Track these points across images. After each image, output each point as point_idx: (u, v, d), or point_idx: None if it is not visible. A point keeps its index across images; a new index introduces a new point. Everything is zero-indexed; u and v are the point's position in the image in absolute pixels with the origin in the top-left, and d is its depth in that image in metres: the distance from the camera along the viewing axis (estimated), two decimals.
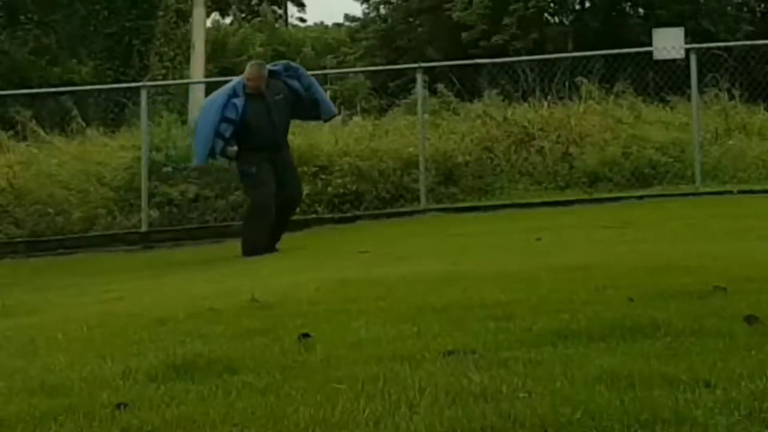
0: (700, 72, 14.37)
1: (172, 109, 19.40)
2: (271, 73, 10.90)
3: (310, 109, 11.12)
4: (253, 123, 10.61)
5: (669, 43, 14.64)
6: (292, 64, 11.55)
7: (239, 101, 10.60)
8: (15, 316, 6.84)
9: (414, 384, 3.51)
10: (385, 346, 4.25)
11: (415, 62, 18.34)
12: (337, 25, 49.99)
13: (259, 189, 10.77)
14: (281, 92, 10.80)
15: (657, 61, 15.06)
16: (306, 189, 13.83)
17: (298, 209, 12.04)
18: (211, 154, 10.90)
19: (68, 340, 5.04)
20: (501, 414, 3.13)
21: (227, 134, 10.58)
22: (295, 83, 10.95)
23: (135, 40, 26.69)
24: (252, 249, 10.56)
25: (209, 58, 27.82)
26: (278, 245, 10.83)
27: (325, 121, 12.46)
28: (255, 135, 10.61)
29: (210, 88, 24.23)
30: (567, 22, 37.11)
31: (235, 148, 10.63)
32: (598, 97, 15.71)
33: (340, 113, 16.34)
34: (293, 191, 11.03)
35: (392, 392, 3.45)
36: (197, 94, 22.27)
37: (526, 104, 15.67)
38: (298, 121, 12.21)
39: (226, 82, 11.72)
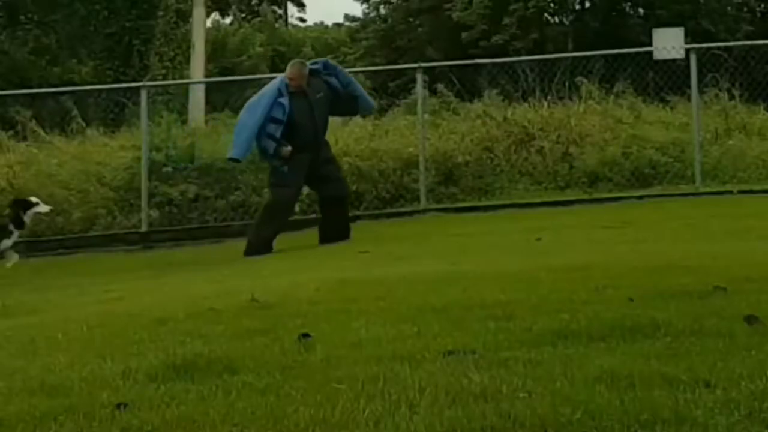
0: (700, 72, 14.37)
1: (172, 109, 19.37)
2: (311, 71, 11.02)
3: (347, 105, 11.30)
4: (298, 121, 10.73)
5: (669, 43, 14.64)
6: (330, 62, 11.68)
7: (285, 100, 10.71)
8: (15, 316, 6.85)
9: (414, 384, 3.51)
10: (385, 346, 4.24)
11: (415, 62, 18.32)
12: (337, 25, 49.98)
13: (286, 189, 10.87)
14: (321, 90, 10.94)
15: (657, 61, 15.06)
16: (307, 189, 13.85)
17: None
18: (265, 155, 11.00)
19: (68, 340, 5.04)
20: (501, 414, 3.13)
21: (277, 134, 10.67)
22: (333, 80, 11.09)
23: (135, 40, 26.69)
24: (257, 248, 10.61)
25: (209, 58, 27.83)
26: (350, 234, 11.07)
27: (363, 116, 12.65)
28: (299, 133, 10.72)
29: (210, 88, 24.35)
30: (567, 22, 37.10)
31: (289, 148, 10.70)
32: (598, 97, 15.71)
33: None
34: (340, 189, 11.18)
35: (392, 392, 3.44)
36: (197, 94, 22.31)
37: (526, 104, 15.68)
38: None
39: (226, 82, 11.79)
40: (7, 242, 11.13)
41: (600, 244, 8.47)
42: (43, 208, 11.50)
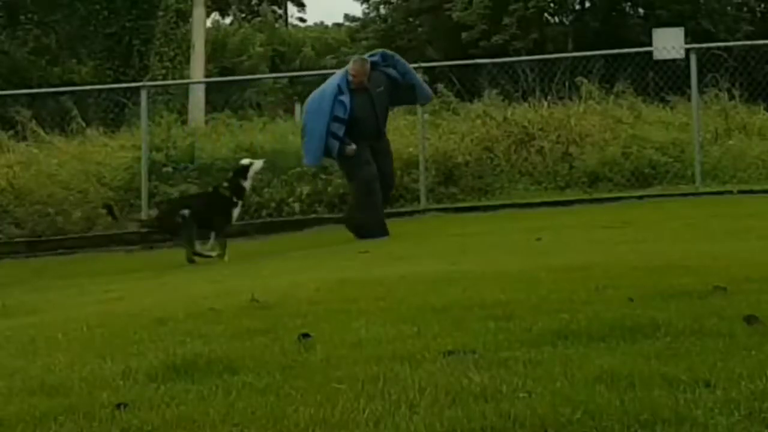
0: (700, 72, 14.38)
1: (172, 109, 19.42)
2: (371, 64, 11.06)
3: (405, 94, 11.39)
4: (359, 116, 10.81)
5: (669, 43, 14.64)
6: (388, 52, 11.70)
7: (346, 98, 10.76)
8: (15, 316, 6.84)
9: (414, 384, 3.51)
10: (385, 346, 4.24)
11: (415, 62, 18.29)
12: (337, 25, 49.97)
13: (364, 168, 10.89)
14: (381, 84, 11.00)
15: (657, 61, 15.06)
16: (306, 189, 13.85)
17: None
18: (327, 154, 11.01)
19: (68, 340, 5.04)
20: (501, 414, 3.13)
21: (340, 133, 10.75)
22: (391, 71, 11.15)
23: (135, 40, 26.69)
24: (370, 231, 10.73)
25: (209, 58, 27.83)
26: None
27: (422, 105, 12.90)
28: (360, 128, 10.81)
29: (210, 88, 24.34)
30: (567, 22, 37.08)
31: (353, 146, 10.77)
32: (598, 97, 15.72)
33: None
34: (388, 180, 11.25)
35: (392, 392, 3.44)
36: (197, 94, 22.34)
37: (526, 104, 15.68)
38: (297, 121, 12.25)
39: (226, 82, 11.81)
40: (237, 212, 10.94)
41: (600, 244, 8.47)
42: (258, 164, 11.17)
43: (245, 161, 11.27)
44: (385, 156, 11.17)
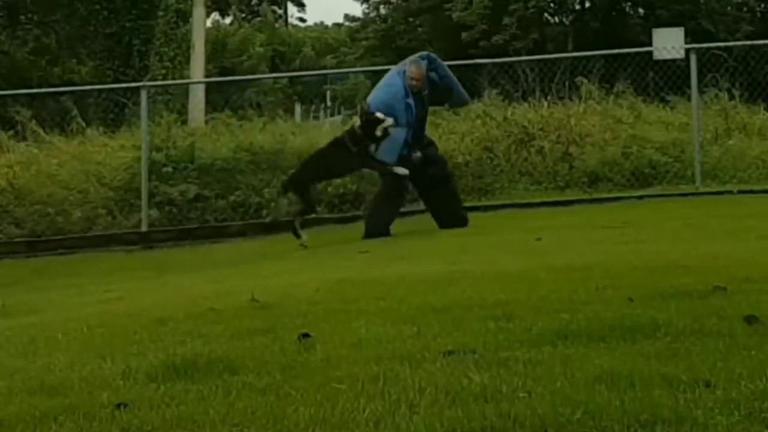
0: (700, 72, 14.38)
1: (172, 109, 19.43)
2: None
3: (442, 95, 11.50)
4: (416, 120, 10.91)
5: (669, 43, 14.64)
6: (431, 55, 11.77)
7: (412, 102, 10.86)
8: (15, 316, 6.85)
9: (414, 384, 3.51)
10: (385, 346, 4.24)
11: None
12: (337, 25, 50.09)
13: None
14: (426, 87, 11.11)
15: (657, 61, 15.06)
16: None
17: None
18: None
19: (68, 340, 5.04)
20: (501, 414, 3.13)
21: (408, 137, 10.85)
22: (433, 74, 11.24)
23: (135, 40, 26.72)
24: (377, 231, 10.78)
25: (209, 58, 27.87)
26: (468, 219, 11.28)
27: (454, 107, 13.18)
28: (413, 131, 10.91)
29: (210, 88, 24.35)
30: (567, 22, 37.12)
31: (418, 154, 10.91)
32: (598, 97, 15.73)
33: (340, 113, 16.40)
34: (441, 169, 11.34)
35: (392, 392, 3.44)
36: (197, 94, 22.35)
37: (526, 104, 15.69)
38: (297, 121, 12.26)
39: (226, 82, 11.81)
40: (372, 148, 10.86)
41: (600, 244, 8.46)
42: (389, 121, 10.75)
43: (380, 114, 10.85)
44: (428, 146, 11.30)
